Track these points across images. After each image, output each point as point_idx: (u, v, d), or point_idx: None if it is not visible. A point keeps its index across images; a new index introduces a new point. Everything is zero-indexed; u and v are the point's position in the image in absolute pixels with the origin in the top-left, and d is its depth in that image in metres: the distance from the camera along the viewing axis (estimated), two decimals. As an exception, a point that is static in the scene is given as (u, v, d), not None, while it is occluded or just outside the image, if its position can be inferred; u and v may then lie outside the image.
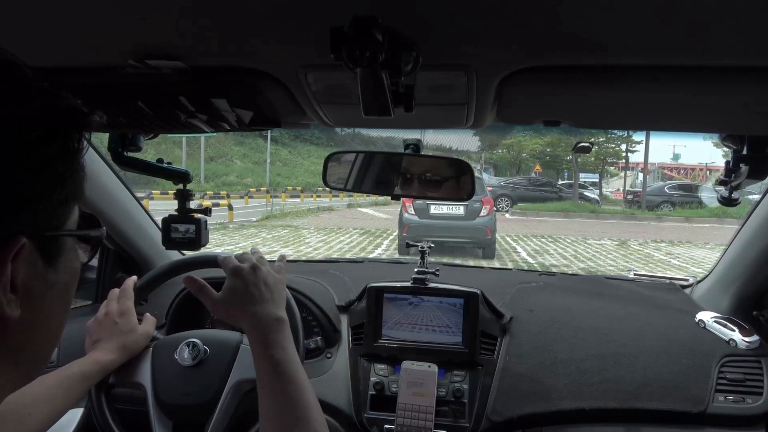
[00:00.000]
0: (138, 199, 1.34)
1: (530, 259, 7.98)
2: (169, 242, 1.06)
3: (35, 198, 0.35)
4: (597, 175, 26.36)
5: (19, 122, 0.34)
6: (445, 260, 2.04)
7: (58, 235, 0.39)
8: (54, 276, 0.39)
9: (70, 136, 0.38)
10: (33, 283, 0.37)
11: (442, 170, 0.95)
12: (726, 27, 0.44)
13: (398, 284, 1.26)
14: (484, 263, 6.95)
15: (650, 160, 24.04)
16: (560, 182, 23.32)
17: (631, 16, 0.43)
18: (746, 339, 1.16)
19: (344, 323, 1.30)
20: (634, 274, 1.62)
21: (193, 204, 1.08)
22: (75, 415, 1.11)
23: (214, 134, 1.56)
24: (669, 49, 0.49)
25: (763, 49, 0.47)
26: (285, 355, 0.69)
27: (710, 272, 1.41)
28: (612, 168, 31.01)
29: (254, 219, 13.02)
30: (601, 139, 23.45)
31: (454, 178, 0.94)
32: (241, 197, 17.74)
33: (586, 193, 21.79)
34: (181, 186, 1.07)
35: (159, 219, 1.20)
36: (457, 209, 7.69)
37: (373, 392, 1.18)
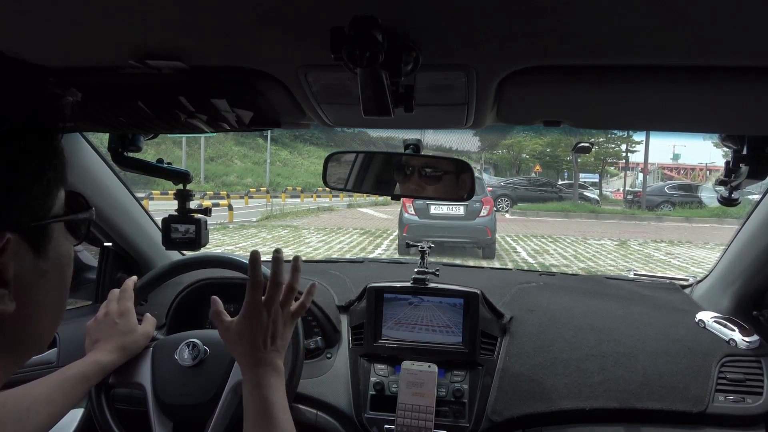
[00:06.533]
0: (138, 199, 1.34)
1: (530, 259, 7.98)
2: (169, 242, 1.06)
3: (14, 193, 0.35)
4: (597, 175, 26.38)
5: None
6: (445, 260, 2.04)
7: (44, 223, 0.38)
8: (45, 264, 0.39)
9: (44, 124, 0.37)
10: (24, 275, 0.37)
11: (441, 170, 0.95)
12: (726, 27, 0.44)
13: (398, 284, 1.26)
14: (484, 263, 6.95)
15: (650, 160, 24.09)
16: (560, 182, 23.34)
17: (632, 16, 0.43)
18: (746, 339, 1.16)
19: (344, 323, 1.30)
20: (634, 274, 1.62)
21: (193, 204, 1.08)
22: (75, 415, 1.11)
23: (214, 134, 1.56)
24: (669, 49, 0.49)
25: (763, 49, 0.47)
26: (276, 397, 0.69)
27: (710, 272, 1.41)
28: (612, 168, 31.05)
29: (254, 219, 13.02)
30: (601, 139, 23.45)
31: (453, 178, 0.94)
32: (241, 197, 17.76)
33: (586, 193, 21.80)
34: (181, 186, 1.07)
35: (159, 219, 1.20)
36: (457, 209, 7.69)
37: (373, 392, 1.17)
